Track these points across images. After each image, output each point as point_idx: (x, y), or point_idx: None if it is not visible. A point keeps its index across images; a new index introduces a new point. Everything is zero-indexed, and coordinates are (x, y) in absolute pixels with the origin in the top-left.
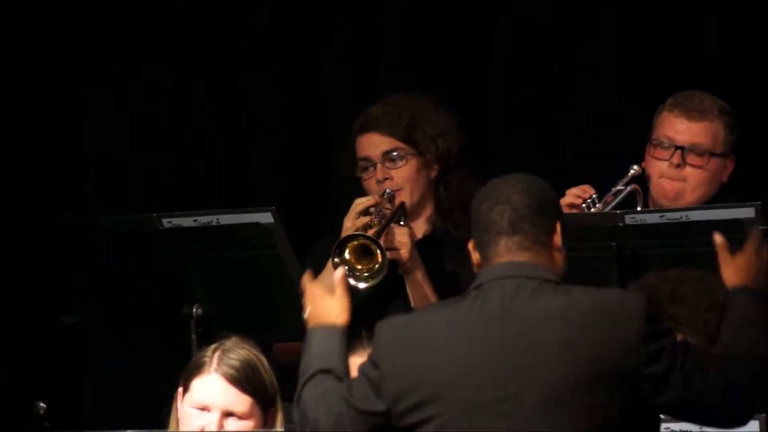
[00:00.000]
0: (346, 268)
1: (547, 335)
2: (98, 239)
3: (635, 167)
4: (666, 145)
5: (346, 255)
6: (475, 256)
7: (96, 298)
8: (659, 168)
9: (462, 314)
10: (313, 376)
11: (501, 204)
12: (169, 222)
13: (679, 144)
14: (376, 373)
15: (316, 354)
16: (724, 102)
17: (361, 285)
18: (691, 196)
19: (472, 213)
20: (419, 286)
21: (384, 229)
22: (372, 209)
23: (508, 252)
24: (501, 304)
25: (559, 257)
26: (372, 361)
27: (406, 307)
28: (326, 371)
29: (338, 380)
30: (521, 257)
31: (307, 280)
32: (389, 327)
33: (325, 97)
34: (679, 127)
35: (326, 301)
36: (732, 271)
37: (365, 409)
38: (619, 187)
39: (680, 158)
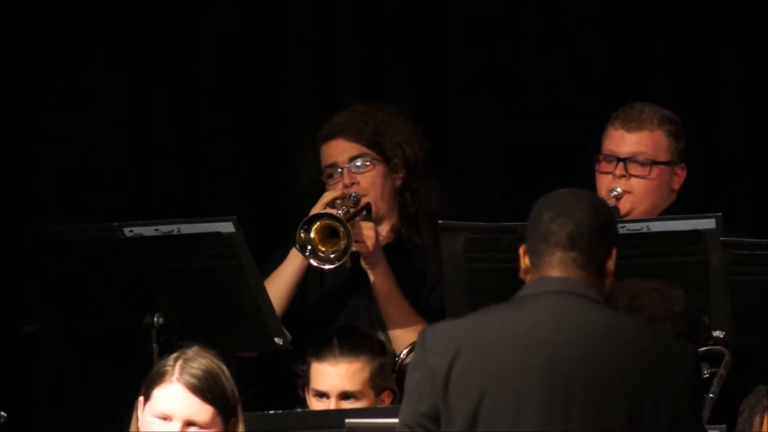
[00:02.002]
0: (309, 248)
1: (599, 356)
2: (60, 248)
3: (619, 189)
4: (610, 158)
5: (312, 234)
6: (524, 262)
7: (57, 307)
8: (606, 182)
9: (513, 320)
10: None
11: (564, 217)
12: (131, 231)
13: (621, 156)
14: (419, 374)
15: None
16: (669, 111)
17: (325, 266)
18: (641, 206)
19: (531, 219)
20: (383, 280)
21: (350, 220)
22: (338, 201)
23: (562, 265)
24: (554, 318)
25: (608, 282)
26: (413, 367)
27: (369, 304)
28: None
29: None
30: (574, 274)
31: None
32: (434, 329)
33: (283, 105)
34: (619, 140)
35: None
36: None
37: (414, 420)
38: None
39: (623, 169)
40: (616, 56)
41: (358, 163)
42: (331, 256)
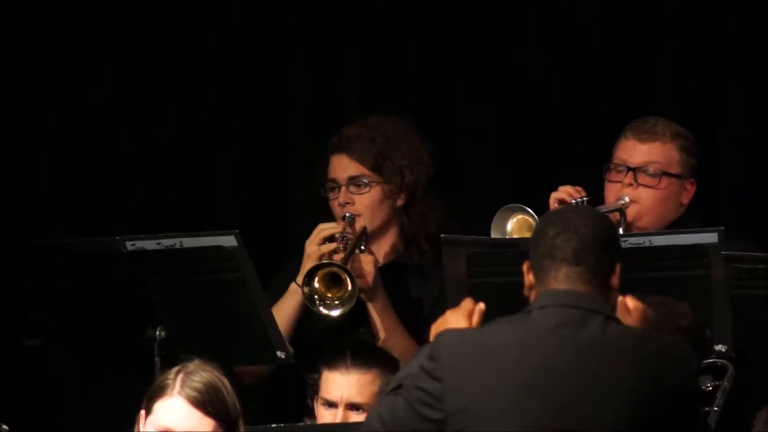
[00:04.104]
0: (317, 297)
1: (615, 374)
2: (62, 261)
3: (626, 198)
4: (620, 167)
5: (316, 284)
6: (528, 279)
7: (59, 321)
8: (615, 191)
9: (528, 336)
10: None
11: (569, 232)
12: (133, 245)
13: (632, 165)
14: (437, 386)
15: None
16: (682, 127)
17: (334, 313)
18: (647, 217)
19: (535, 235)
20: (382, 313)
21: (350, 255)
22: (337, 235)
23: (568, 280)
24: (559, 332)
25: (613, 298)
26: (431, 374)
27: (370, 334)
28: None
29: None
30: (580, 288)
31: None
32: (451, 341)
33: (287, 118)
34: (631, 150)
35: (459, 325)
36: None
37: (420, 414)
38: (606, 209)
39: (632, 178)
40: (618, 72)
41: (357, 184)
42: (336, 302)
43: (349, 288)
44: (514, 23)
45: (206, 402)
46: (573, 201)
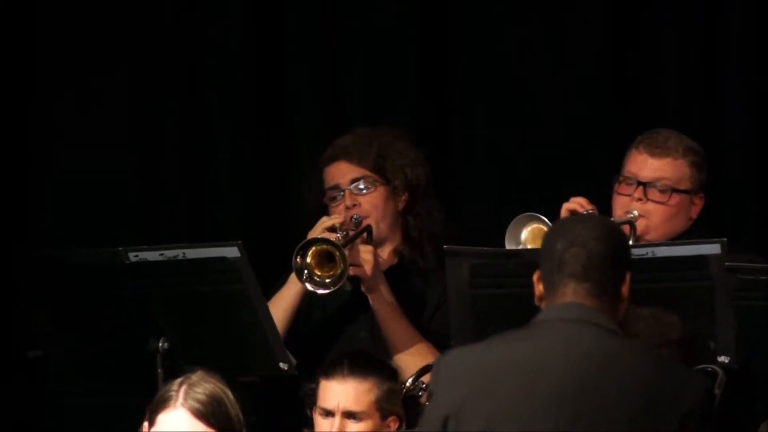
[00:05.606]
0: (306, 271)
1: (608, 390)
2: (64, 273)
3: (635, 212)
4: (630, 181)
5: (308, 259)
6: (538, 288)
7: (62, 332)
8: (623, 204)
9: (523, 349)
10: None
11: (578, 247)
12: (136, 256)
13: (642, 180)
14: (431, 401)
15: None
16: (693, 142)
17: (319, 291)
18: (655, 232)
19: (544, 247)
20: (383, 303)
21: (349, 243)
22: (337, 225)
23: (575, 295)
24: (564, 347)
25: (622, 308)
26: (429, 392)
27: (372, 328)
28: None
29: None
30: (588, 303)
31: None
32: (450, 358)
33: (289, 129)
34: (642, 164)
35: None
36: None
37: None
38: (616, 221)
39: (642, 193)
40: (618, 86)
41: (361, 186)
42: (327, 281)
43: (339, 269)
44: (515, 31)
45: (209, 414)
46: (584, 212)
